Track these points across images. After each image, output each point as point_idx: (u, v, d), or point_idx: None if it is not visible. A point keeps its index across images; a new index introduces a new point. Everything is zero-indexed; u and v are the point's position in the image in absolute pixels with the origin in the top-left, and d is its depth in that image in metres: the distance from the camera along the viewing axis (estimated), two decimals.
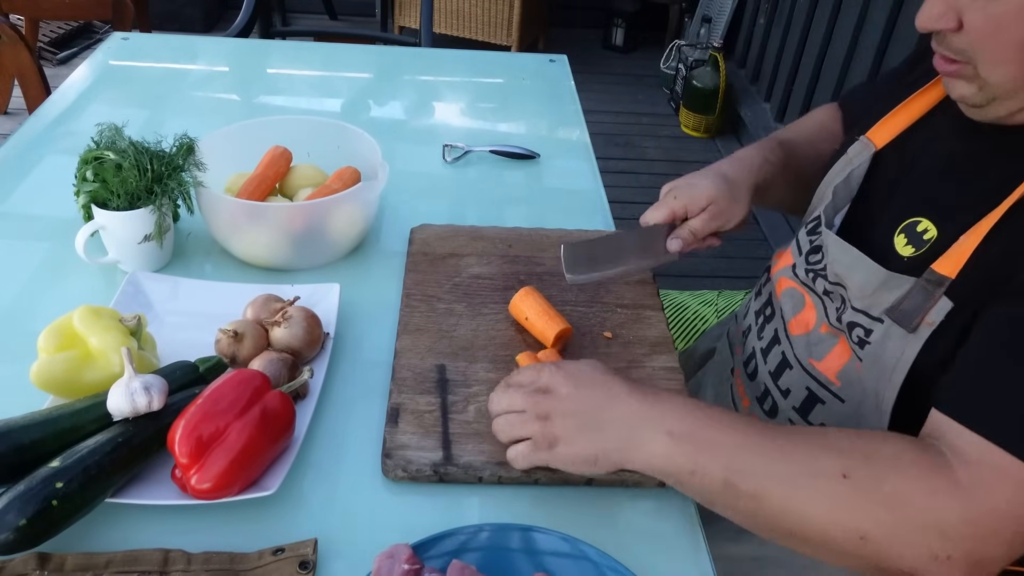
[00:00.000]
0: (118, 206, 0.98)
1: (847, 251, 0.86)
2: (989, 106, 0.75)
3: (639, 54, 4.19)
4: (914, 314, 0.76)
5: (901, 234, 0.82)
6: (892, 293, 0.79)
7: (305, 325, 0.88)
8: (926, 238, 0.79)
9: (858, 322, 0.83)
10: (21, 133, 1.32)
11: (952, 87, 0.78)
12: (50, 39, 3.64)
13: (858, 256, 0.84)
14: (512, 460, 0.77)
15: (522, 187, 1.31)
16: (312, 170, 1.15)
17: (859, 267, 0.84)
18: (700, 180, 0.98)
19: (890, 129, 0.92)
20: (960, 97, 0.77)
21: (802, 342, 0.91)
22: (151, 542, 0.71)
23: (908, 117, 0.91)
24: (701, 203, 0.96)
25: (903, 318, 0.78)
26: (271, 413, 0.75)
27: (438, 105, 1.56)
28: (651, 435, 0.72)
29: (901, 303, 0.78)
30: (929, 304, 0.75)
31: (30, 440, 0.71)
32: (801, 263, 0.95)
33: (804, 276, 0.94)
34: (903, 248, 0.81)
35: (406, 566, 0.65)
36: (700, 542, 0.77)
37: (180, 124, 1.13)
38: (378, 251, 1.12)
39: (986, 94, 0.74)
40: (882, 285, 0.80)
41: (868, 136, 0.93)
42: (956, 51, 0.73)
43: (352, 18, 4.24)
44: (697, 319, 1.41)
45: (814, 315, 0.91)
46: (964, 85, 0.75)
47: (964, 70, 0.74)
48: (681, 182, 0.99)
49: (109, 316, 0.83)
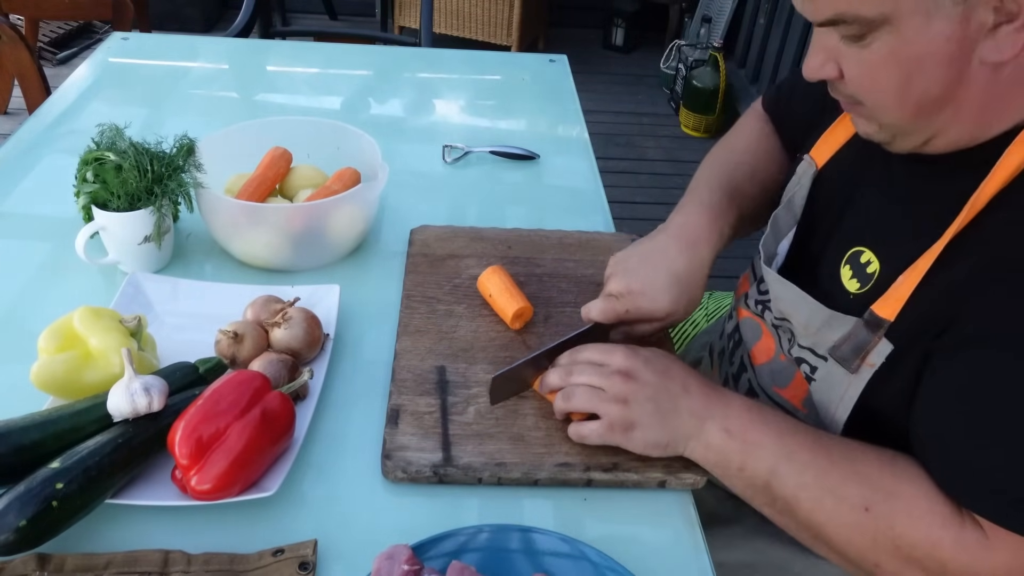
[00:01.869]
0: (118, 207, 0.98)
1: (788, 289, 0.84)
2: (895, 141, 0.74)
3: (639, 54, 4.19)
4: (855, 355, 0.77)
5: (847, 265, 0.81)
6: (835, 332, 0.79)
7: (305, 326, 0.88)
8: (869, 271, 0.78)
9: (804, 358, 0.84)
10: (21, 133, 1.32)
11: (857, 125, 0.77)
12: (50, 39, 3.64)
13: (800, 295, 0.83)
14: (580, 436, 0.80)
15: (522, 187, 1.31)
16: (312, 171, 1.15)
17: (802, 306, 0.83)
18: (655, 292, 0.87)
19: (830, 146, 0.90)
20: (866, 135, 0.76)
21: (765, 371, 0.91)
22: (151, 543, 0.71)
23: (846, 132, 0.88)
24: (655, 317, 0.88)
25: (844, 358, 0.78)
26: (271, 414, 0.75)
27: (438, 105, 1.56)
28: (712, 429, 0.76)
29: (843, 344, 0.78)
30: (870, 346, 0.75)
31: (30, 441, 0.71)
32: (753, 293, 0.94)
33: (754, 307, 0.93)
34: (848, 282, 0.81)
35: (406, 567, 0.65)
36: (700, 543, 0.77)
37: (180, 124, 1.13)
38: (378, 252, 1.12)
39: (887, 132, 0.73)
40: (825, 324, 0.80)
41: (811, 155, 0.91)
42: (846, 96, 0.73)
43: (352, 18, 4.24)
44: (688, 323, 1.39)
45: (773, 344, 0.90)
46: (865, 124, 0.75)
47: (862, 110, 0.73)
48: (635, 286, 0.87)
49: (109, 317, 0.83)
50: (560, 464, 0.80)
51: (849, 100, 0.73)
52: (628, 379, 0.78)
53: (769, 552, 0.93)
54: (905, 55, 0.65)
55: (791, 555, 0.92)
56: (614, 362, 0.79)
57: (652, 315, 0.88)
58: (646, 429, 0.77)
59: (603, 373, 0.79)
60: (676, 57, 3.71)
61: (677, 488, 0.80)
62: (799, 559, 0.92)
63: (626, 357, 0.79)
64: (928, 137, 0.72)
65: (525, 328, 0.97)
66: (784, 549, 0.92)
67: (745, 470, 0.75)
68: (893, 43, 0.65)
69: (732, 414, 0.77)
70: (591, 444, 0.79)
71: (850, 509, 0.71)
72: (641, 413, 0.77)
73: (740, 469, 0.76)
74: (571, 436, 0.81)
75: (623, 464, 0.80)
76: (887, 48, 0.66)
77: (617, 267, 0.91)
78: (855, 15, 0.65)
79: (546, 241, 1.12)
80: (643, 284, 0.87)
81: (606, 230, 1.19)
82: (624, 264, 0.91)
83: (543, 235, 1.13)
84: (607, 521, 0.78)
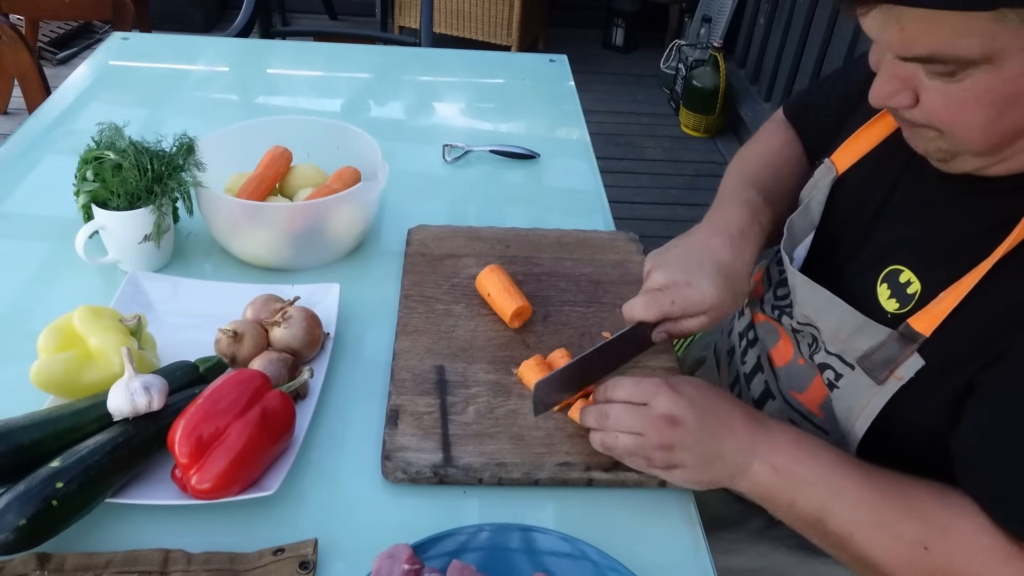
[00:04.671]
0: (118, 206, 0.98)
1: (818, 292, 0.82)
2: (954, 162, 0.71)
3: (639, 54, 4.19)
4: (884, 366, 0.75)
5: (884, 284, 0.79)
6: (866, 341, 0.77)
7: (305, 325, 0.88)
8: (910, 292, 0.76)
9: (830, 364, 0.82)
10: (21, 133, 1.32)
11: (915, 142, 0.73)
12: (50, 39, 3.64)
13: (831, 299, 0.80)
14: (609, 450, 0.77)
15: (522, 187, 1.31)
16: (312, 170, 1.15)
17: (832, 310, 0.80)
18: (701, 281, 0.84)
19: (852, 153, 0.87)
20: (924, 152, 0.73)
21: (783, 373, 0.89)
22: (151, 542, 0.71)
23: (869, 140, 0.86)
24: (702, 308, 0.84)
25: (873, 369, 0.76)
26: (271, 413, 0.75)
27: (438, 105, 1.56)
28: (758, 466, 0.74)
29: (873, 353, 0.76)
30: (901, 359, 0.74)
31: (30, 440, 0.71)
32: (769, 298, 0.92)
33: (771, 312, 0.92)
34: (887, 301, 0.78)
35: (406, 566, 0.65)
36: (700, 542, 0.77)
37: (180, 124, 1.13)
38: (378, 251, 1.12)
39: (952, 149, 0.70)
40: (857, 331, 0.78)
41: (832, 159, 0.89)
42: (916, 123, 0.70)
43: (352, 18, 4.25)
44: None
45: (791, 348, 0.89)
46: (927, 143, 0.71)
47: (930, 134, 0.70)
48: (679, 277, 0.84)
49: (109, 316, 0.83)
50: (561, 464, 0.80)
51: (918, 125, 0.70)
52: (673, 425, 0.74)
53: (772, 557, 0.93)
54: (1002, 92, 0.62)
55: (795, 561, 0.92)
56: (657, 407, 0.75)
57: (699, 307, 0.84)
58: (688, 471, 0.75)
59: (646, 417, 0.75)
60: (676, 57, 3.71)
61: (678, 488, 0.80)
62: (803, 565, 0.91)
63: (670, 400, 0.74)
64: (995, 162, 0.69)
65: (524, 327, 0.97)
66: (788, 554, 0.92)
67: (795, 507, 0.73)
68: (990, 81, 0.62)
69: (779, 449, 0.74)
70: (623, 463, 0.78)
71: (907, 547, 0.69)
72: (684, 459, 0.75)
73: (790, 506, 0.74)
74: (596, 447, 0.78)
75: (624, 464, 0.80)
76: (982, 85, 0.62)
77: (657, 261, 0.87)
78: (953, 55, 0.61)
79: (544, 240, 1.12)
80: (688, 275, 0.84)
81: (605, 230, 1.18)
82: (664, 257, 0.87)
83: (541, 234, 1.13)
84: (607, 520, 0.78)
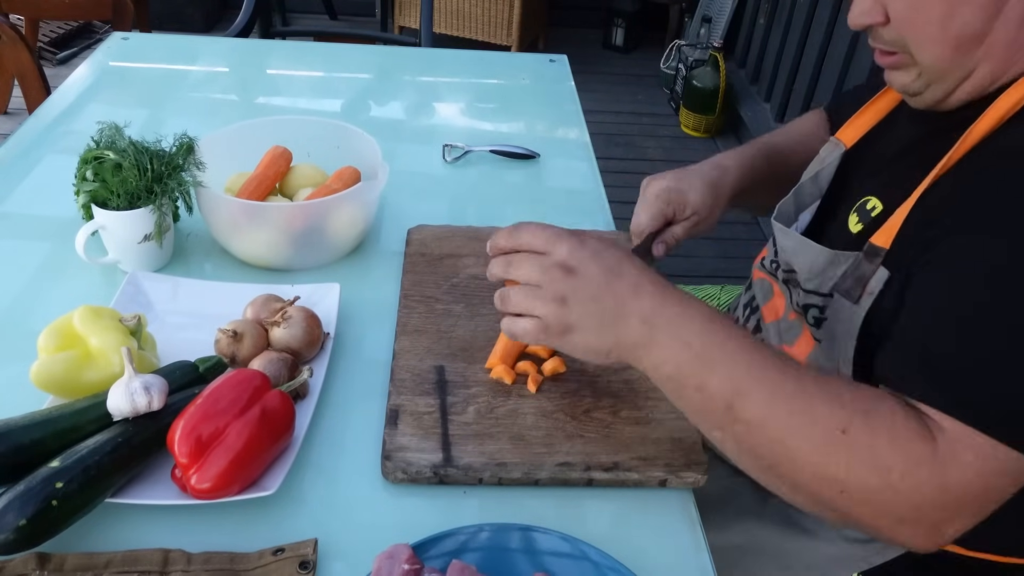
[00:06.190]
0: (118, 206, 0.98)
1: (791, 237, 0.90)
2: (927, 92, 0.79)
3: (639, 54, 4.19)
4: (857, 285, 0.80)
5: (854, 213, 0.86)
6: (838, 269, 0.82)
7: (305, 325, 0.88)
8: (874, 215, 0.83)
9: (811, 303, 0.87)
10: (21, 133, 1.32)
11: (892, 79, 0.81)
12: (50, 39, 3.64)
13: (803, 240, 0.88)
14: (513, 334, 0.73)
15: (522, 187, 1.31)
16: (312, 170, 1.15)
17: (804, 250, 0.87)
18: (689, 188, 0.99)
19: (857, 128, 0.95)
20: (901, 87, 0.81)
21: (773, 329, 0.96)
22: (151, 542, 0.71)
23: (874, 116, 0.95)
24: (687, 212, 0.99)
25: (848, 290, 0.81)
26: (271, 413, 0.75)
27: (438, 105, 1.56)
28: (667, 340, 0.68)
29: (846, 278, 0.81)
30: (868, 274, 0.78)
31: (30, 440, 0.71)
32: (770, 255, 0.99)
33: (769, 267, 0.99)
34: (854, 226, 0.85)
35: (406, 566, 0.65)
36: (700, 541, 0.77)
37: (180, 124, 1.13)
38: (378, 251, 1.12)
39: (923, 80, 0.77)
40: (828, 264, 0.84)
41: (837, 136, 0.96)
42: (888, 43, 0.77)
43: (352, 18, 4.24)
44: None
45: (783, 302, 0.95)
46: (902, 75, 0.79)
47: (902, 60, 0.78)
48: (672, 184, 0.99)
49: (109, 316, 0.83)
50: (560, 464, 0.80)
51: (892, 46, 0.77)
52: (569, 274, 0.69)
53: (761, 534, 0.94)
54: None
55: (783, 537, 0.93)
56: (557, 253, 0.70)
57: (688, 209, 0.98)
58: (585, 332, 0.69)
59: (543, 266, 0.70)
60: (676, 57, 3.71)
61: (678, 487, 0.80)
62: (790, 541, 0.93)
63: (571, 248, 0.70)
64: (959, 81, 0.76)
65: None
66: (776, 531, 0.93)
67: (705, 389, 0.67)
68: None
69: (693, 325, 0.68)
70: (528, 343, 0.78)
71: (824, 431, 0.65)
72: (581, 314, 0.69)
73: (698, 388, 0.68)
74: (504, 332, 0.73)
75: (624, 463, 0.80)
76: None
77: (652, 178, 1.01)
78: None
79: None
80: (678, 183, 0.99)
81: (606, 229, 1.18)
82: (658, 175, 1.01)
83: None
84: (607, 520, 0.78)
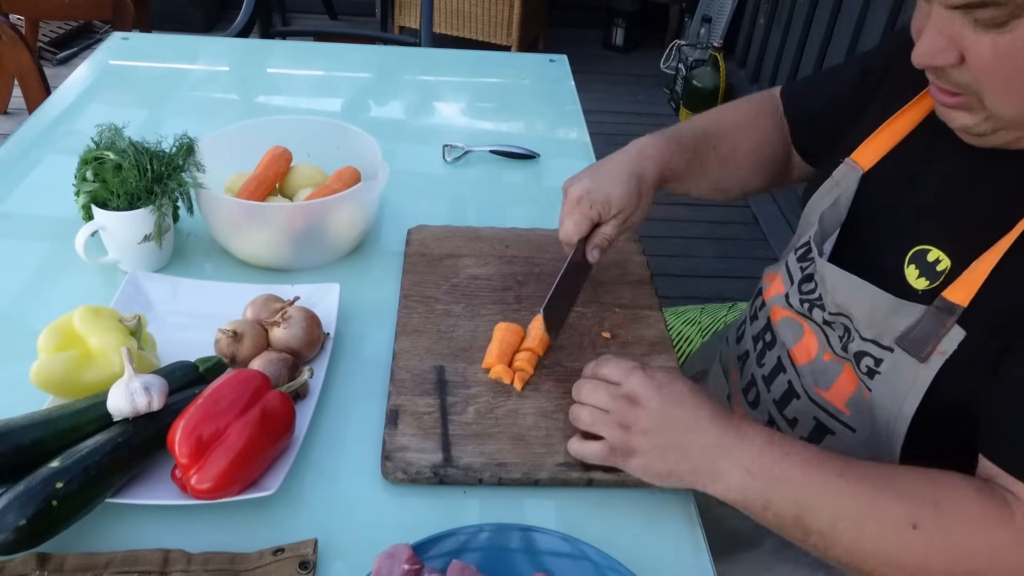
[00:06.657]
0: (118, 206, 0.98)
1: (847, 280, 0.83)
2: (993, 135, 0.72)
3: (639, 54, 4.19)
4: (925, 343, 0.75)
5: (912, 265, 0.80)
6: (902, 321, 0.77)
7: (305, 325, 0.88)
8: (939, 269, 0.77)
9: (867, 351, 0.81)
10: (21, 133, 1.32)
11: (952, 118, 0.74)
12: (50, 39, 3.64)
13: (861, 284, 0.81)
14: (581, 455, 0.79)
15: (522, 187, 1.31)
16: (312, 170, 1.15)
17: (863, 296, 0.81)
18: (610, 185, 0.92)
19: (876, 149, 0.89)
20: (962, 128, 0.74)
21: (807, 371, 0.89)
22: (151, 542, 0.71)
23: (893, 136, 0.88)
24: (613, 211, 0.92)
25: (914, 347, 0.76)
26: (271, 413, 0.75)
27: (438, 105, 1.56)
28: (729, 468, 0.72)
29: (912, 332, 0.76)
30: (941, 332, 0.73)
31: (30, 440, 0.71)
32: (794, 293, 0.92)
33: (799, 306, 0.91)
34: (916, 281, 0.79)
35: (406, 566, 0.65)
36: (700, 542, 0.77)
37: (180, 124, 1.13)
38: (378, 251, 1.12)
39: (991, 124, 0.71)
40: (891, 312, 0.78)
41: (853, 158, 0.90)
42: (957, 85, 0.70)
43: (352, 18, 4.24)
44: (682, 340, 1.36)
45: (815, 343, 0.88)
46: (966, 116, 0.72)
47: (968, 102, 0.70)
48: (591, 185, 0.93)
49: (109, 316, 0.83)
50: (561, 464, 0.80)
51: (960, 88, 0.70)
52: (634, 405, 0.75)
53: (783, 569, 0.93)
54: None
55: None
56: (627, 385, 0.77)
57: (612, 208, 0.92)
58: (646, 458, 0.75)
59: (612, 395, 0.77)
60: (676, 57, 3.71)
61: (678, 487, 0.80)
62: None
63: (640, 382, 0.76)
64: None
65: None
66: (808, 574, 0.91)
67: (770, 508, 0.72)
68: None
69: (753, 451, 0.72)
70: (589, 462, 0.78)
71: (895, 529, 0.67)
72: (643, 443, 0.75)
73: (765, 508, 0.72)
74: (571, 452, 0.80)
75: None
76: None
77: (570, 181, 0.96)
78: None
79: (544, 240, 1.11)
80: (596, 182, 0.93)
81: None
82: (576, 177, 0.96)
83: (541, 234, 1.13)
84: (608, 520, 0.78)
